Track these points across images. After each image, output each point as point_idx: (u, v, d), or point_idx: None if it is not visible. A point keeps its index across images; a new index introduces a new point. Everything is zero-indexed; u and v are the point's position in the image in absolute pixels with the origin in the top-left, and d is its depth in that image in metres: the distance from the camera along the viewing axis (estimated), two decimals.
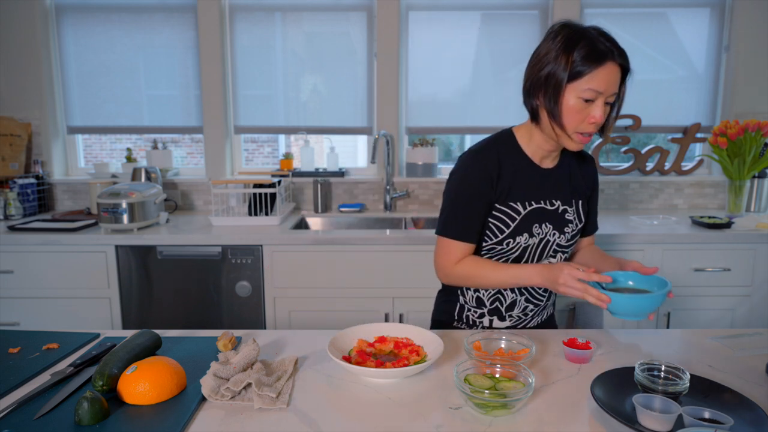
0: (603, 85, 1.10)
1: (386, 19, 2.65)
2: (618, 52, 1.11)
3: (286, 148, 6.59)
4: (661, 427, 0.76)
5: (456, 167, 1.27)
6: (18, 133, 2.69)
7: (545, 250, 1.27)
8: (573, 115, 1.14)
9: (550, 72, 1.14)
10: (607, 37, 1.12)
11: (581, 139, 1.17)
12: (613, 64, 1.10)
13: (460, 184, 1.24)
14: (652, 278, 1.12)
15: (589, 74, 1.10)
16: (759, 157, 2.47)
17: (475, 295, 1.31)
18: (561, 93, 1.13)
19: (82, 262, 2.14)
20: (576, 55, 1.10)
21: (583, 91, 1.11)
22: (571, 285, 1.07)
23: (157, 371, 0.86)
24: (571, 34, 1.12)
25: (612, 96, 1.13)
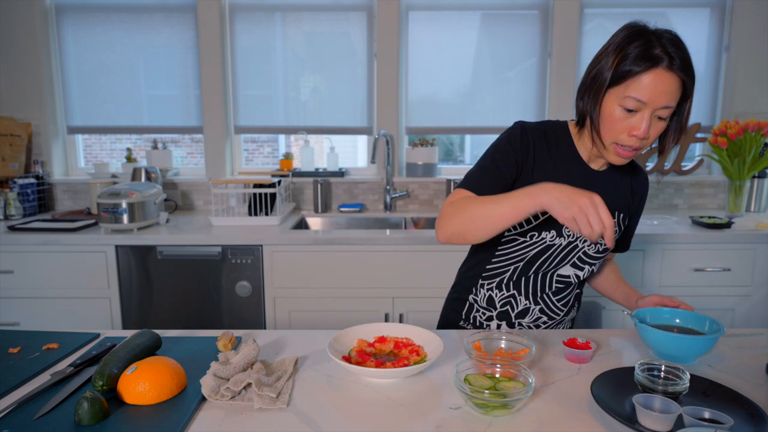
0: (647, 94, 0.97)
1: (386, 19, 2.65)
2: (679, 62, 0.97)
3: (286, 148, 6.59)
4: (661, 427, 0.76)
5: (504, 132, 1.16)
6: (18, 133, 2.69)
7: (570, 255, 1.18)
8: (612, 124, 1.02)
9: (596, 72, 1.04)
10: (674, 42, 0.98)
11: (620, 151, 1.05)
12: (664, 72, 0.96)
13: (496, 147, 1.14)
14: (699, 317, 1.07)
15: (632, 79, 0.98)
16: (759, 157, 2.47)
17: (488, 294, 1.24)
18: (601, 96, 1.03)
19: (82, 262, 2.14)
20: (623, 57, 0.99)
21: (624, 99, 0.99)
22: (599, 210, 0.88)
23: (157, 371, 0.86)
24: (631, 34, 1.01)
25: (664, 110, 0.99)
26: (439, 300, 1.45)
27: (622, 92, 1.00)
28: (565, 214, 0.90)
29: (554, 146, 1.14)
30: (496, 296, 1.24)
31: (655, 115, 1.00)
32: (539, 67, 2.73)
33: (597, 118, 1.05)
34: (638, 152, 1.05)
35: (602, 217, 0.89)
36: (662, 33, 1.00)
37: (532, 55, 2.73)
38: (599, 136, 1.06)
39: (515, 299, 1.23)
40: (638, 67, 0.97)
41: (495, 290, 1.24)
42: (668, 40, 0.98)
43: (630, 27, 1.04)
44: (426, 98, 2.79)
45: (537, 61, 2.73)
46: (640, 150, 1.05)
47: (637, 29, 1.02)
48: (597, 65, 1.04)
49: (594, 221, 0.88)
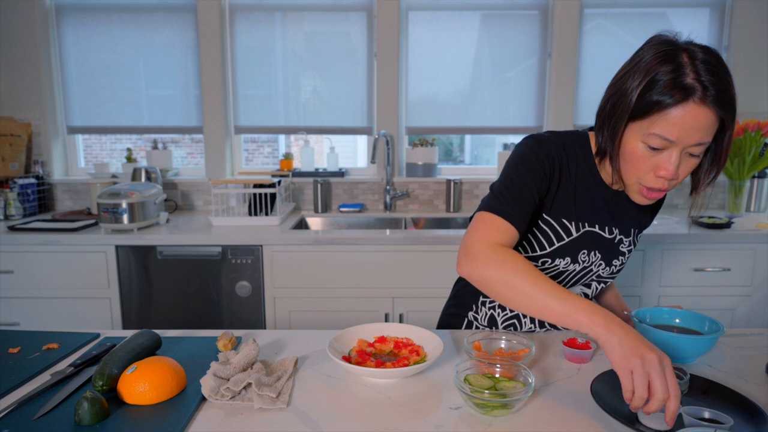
0: (676, 132, 0.83)
1: (386, 19, 2.65)
2: (714, 92, 0.81)
3: (286, 148, 6.59)
4: (661, 426, 0.76)
5: (514, 151, 1.03)
6: (18, 133, 2.69)
7: (583, 278, 1.11)
8: (634, 163, 0.90)
9: (617, 101, 0.90)
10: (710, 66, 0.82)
11: (645, 192, 0.93)
12: (697, 106, 0.82)
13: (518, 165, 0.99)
14: (698, 317, 1.06)
15: (658, 114, 0.84)
16: (759, 157, 2.47)
17: (489, 313, 1.16)
18: (621, 130, 0.90)
19: (82, 262, 2.14)
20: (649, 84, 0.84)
21: (648, 136, 0.86)
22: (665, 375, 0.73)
23: (157, 371, 0.86)
24: (659, 55, 0.85)
25: (697, 147, 0.85)
26: (439, 300, 1.45)
27: (646, 128, 0.86)
28: (622, 363, 0.75)
29: (574, 163, 1.03)
30: (499, 316, 1.17)
31: (685, 152, 0.87)
32: (539, 67, 2.73)
33: (616, 155, 0.92)
34: (666, 192, 0.93)
35: (669, 384, 0.72)
36: (696, 53, 0.84)
37: (532, 55, 2.73)
38: (620, 174, 0.94)
39: (519, 320, 1.16)
40: (666, 100, 0.83)
41: (498, 309, 1.17)
42: (703, 62, 0.82)
43: (659, 44, 0.87)
44: (426, 98, 2.79)
45: (537, 61, 2.73)
46: (670, 189, 0.92)
47: (667, 49, 0.85)
48: (618, 90, 0.90)
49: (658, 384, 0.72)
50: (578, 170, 1.03)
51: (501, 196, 0.98)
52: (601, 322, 0.79)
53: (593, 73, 2.72)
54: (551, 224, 1.04)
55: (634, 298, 2.18)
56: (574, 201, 1.03)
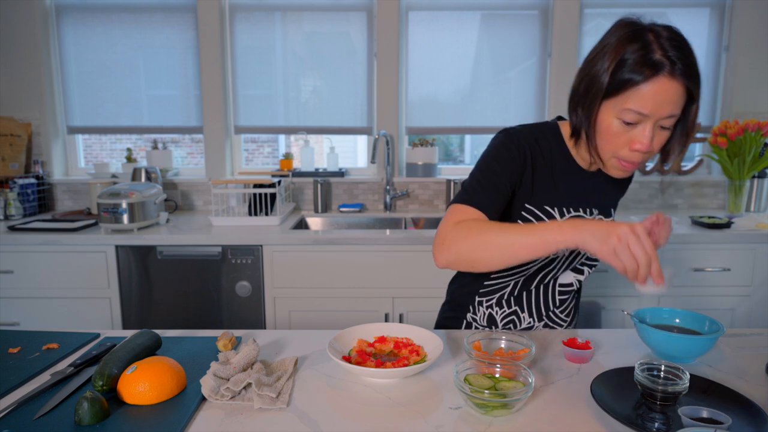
0: (649, 106, 0.88)
1: (386, 19, 2.65)
2: (681, 66, 0.86)
3: (286, 148, 6.59)
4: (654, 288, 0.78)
5: (487, 147, 1.07)
6: (18, 133, 2.69)
7: (573, 262, 1.13)
8: (610, 138, 0.94)
9: (588, 82, 0.94)
10: (675, 42, 0.87)
11: (621, 165, 0.97)
12: (667, 79, 0.86)
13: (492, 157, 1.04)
14: (698, 317, 1.06)
15: (631, 90, 0.88)
16: (759, 157, 2.47)
17: (487, 312, 1.17)
18: (596, 109, 0.94)
19: (82, 262, 2.14)
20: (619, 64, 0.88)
21: (623, 112, 0.90)
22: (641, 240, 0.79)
23: (157, 371, 0.86)
24: (626, 35, 0.89)
25: (668, 119, 0.90)
26: (439, 300, 1.44)
27: (620, 104, 0.91)
28: (604, 249, 0.81)
29: (548, 153, 1.06)
30: (497, 314, 1.17)
31: (658, 125, 0.92)
32: (539, 67, 2.73)
33: (593, 133, 0.97)
34: (641, 164, 0.98)
35: (646, 247, 0.79)
36: (661, 32, 0.89)
37: (532, 55, 2.73)
38: (596, 151, 0.99)
39: (518, 317, 1.17)
40: (637, 77, 0.87)
41: (495, 307, 1.17)
42: (668, 40, 0.88)
43: (625, 25, 0.92)
44: (426, 98, 2.79)
45: (537, 61, 2.73)
46: (644, 162, 0.97)
47: (633, 29, 0.90)
48: (589, 72, 0.94)
49: (638, 250, 0.78)
50: (553, 158, 1.06)
51: (470, 189, 1.02)
52: (569, 229, 0.84)
53: None
54: (535, 213, 1.07)
55: (634, 298, 2.18)
56: (554, 187, 1.06)
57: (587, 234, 0.82)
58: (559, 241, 0.85)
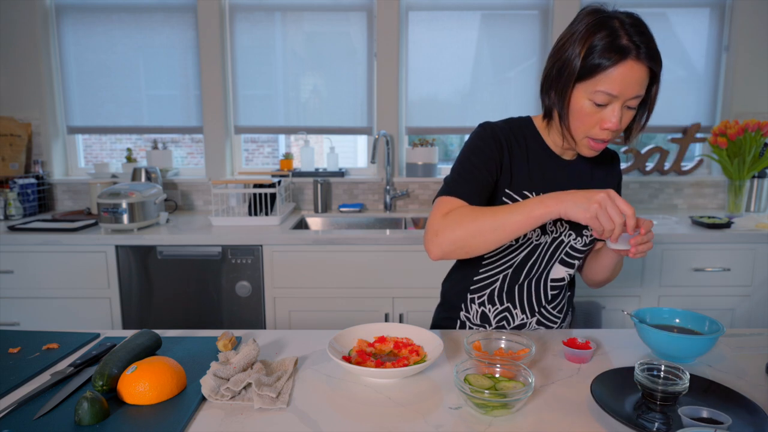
0: (618, 87, 0.95)
1: (386, 19, 2.65)
2: (645, 50, 0.94)
3: (286, 148, 6.59)
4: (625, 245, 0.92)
5: (466, 141, 1.14)
6: (18, 133, 2.69)
7: (557, 252, 1.15)
8: (582, 119, 1.00)
9: (560, 67, 1.00)
10: (638, 28, 0.95)
11: (592, 144, 1.04)
12: (633, 62, 0.94)
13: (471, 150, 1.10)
14: (698, 317, 1.07)
15: (601, 74, 0.95)
16: (759, 157, 2.47)
17: (480, 310, 1.19)
18: (568, 92, 1.00)
19: (82, 262, 2.14)
20: (589, 50, 0.95)
21: (594, 93, 0.97)
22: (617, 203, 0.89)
23: (157, 371, 0.86)
24: (593, 23, 0.96)
25: (634, 99, 0.98)
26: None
27: (591, 87, 0.97)
28: (587, 215, 0.90)
29: (523, 143, 1.13)
30: (490, 311, 1.19)
31: (625, 106, 0.99)
32: (539, 67, 2.73)
33: (566, 114, 1.02)
34: (609, 142, 1.05)
35: (621, 208, 0.89)
36: (624, 19, 0.96)
37: (532, 55, 2.73)
38: (569, 131, 1.04)
39: (510, 313, 1.19)
40: (606, 61, 0.94)
41: (487, 304, 1.19)
42: (632, 26, 0.95)
43: (591, 13, 0.99)
44: (426, 98, 2.79)
45: (537, 61, 2.73)
46: (612, 140, 1.04)
47: (600, 17, 0.97)
48: (561, 57, 1.00)
49: (614, 213, 0.89)
50: (528, 146, 1.13)
51: (452, 181, 1.09)
52: (551, 201, 0.93)
53: None
54: (514, 198, 1.11)
55: (634, 298, 2.18)
56: (530, 174, 1.12)
57: (569, 204, 0.91)
58: (544, 214, 0.93)
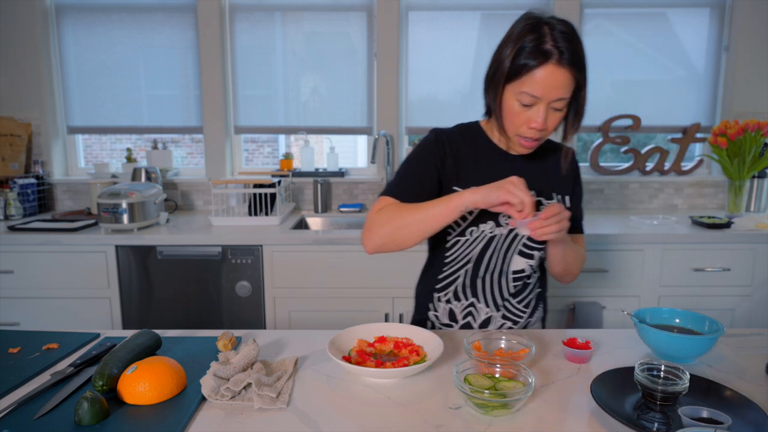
0: (540, 89, 1.00)
1: (386, 19, 2.65)
2: (569, 55, 0.99)
3: (286, 148, 6.59)
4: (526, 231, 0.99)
5: (420, 140, 1.21)
6: (18, 133, 2.69)
7: (513, 243, 1.17)
8: (512, 118, 1.06)
9: (495, 68, 1.07)
10: (566, 35, 1.00)
11: (523, 142, 1.09)
12: (555, 66, 0.99)
13: (415, 154, 1.18)
14: (698, 317, 1.07)
15: (526, 76, 1.00)
16: (759, 157, 2.47)
17: (447, 307, 1.22)
18: (500, 91, 1.06)
19: (82, 262, 2.14)
20: (518, 51, 1.01)
21: (520, 94, 1.03)
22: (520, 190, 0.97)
23: (157, 371, 0.86)
24: (525, 27, 1.02)
25: (559, 102, 1.02)
26: None
27: (517, 88, 1.02)
28: (501, 193, 0.98)
29: (471, 142, 1.18)
30: (456, 308, 1.22)
31: (551, 107, 1.03)
32: None
33: (499, 113, 1.09)
34: (540, 141, 1.10)
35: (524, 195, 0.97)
36: (555, 25, 1.01)
37: None
38: (504, 130, 1.11)
39: (475, 308, 1.21)
40: (530, 63, 0.99)
41: (453, 301, 1.22)
42: (560, 33, 1.00)
43: (526, 18, 1.04)
44: (426, 98, 2.79)
45: None
46: (542, 139, 1.10)
47: (532, 22, 1.02)
48: (497, 58, 1.06)
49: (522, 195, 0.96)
50: (477, 147, 1.18)
51: (393, 183, 1.16)
52: (467, 192, 1.02)
53: (593, 73, 2.70)
54: None
55: (634, 298, 2.18)
56: (479, 171, 1.16)
57: (483, 191, 1.00)
58: (460, 204, 1.02)
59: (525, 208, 0.97)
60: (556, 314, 2.19)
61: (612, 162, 2.90)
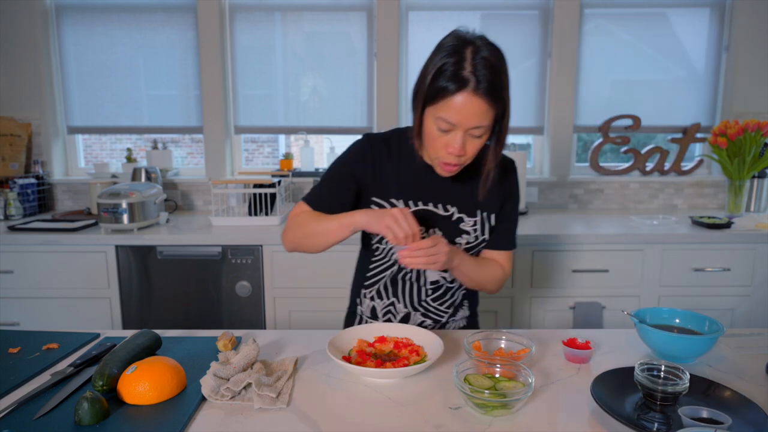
0: (455, 116, 0.97)
1: (386, 19, 2.65)
2: (485, 85, 0.94)
3: (286, 148, 6.58)
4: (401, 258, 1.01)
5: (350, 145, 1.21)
6: (18, 133, 2.69)
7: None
8: (431, 141, 1.04)
9: (418, 86, 1.03)
10: (487, 62, 0.95)
11: (443, 166, 1.06)
12: (471, 95, 0.95)
13: (337, 161, 1.19)
14: (698, 317, 1.07)
15: (443, 101, 0.97)
16: (759, 157, 2.47)
17: (371, 304, 1.26)
18: (420, 114, 1.03)
19: (82, 262, 2.14)
20: (438, 73, 0.97)
21: (437, 119, 0.99)
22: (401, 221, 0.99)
23: (157, 371, 0.86)
24: (450, 47, 0.97)
25: (477, 129, 0.99)
26: None
27: (435, 112, 0.99)
28: (380, 225, 1.01)
29: (396, 151, 1.17)
30: (378, 305, 1.25)
31: (469, 134, 1.00)
32: (539, 67, 2.73)
33: (419, 134, 1.06)
34: (461, 166, 1.07)
35: (410, 223, 1.00)
36: (480, 49, 0.96)
37: (532, 55, 2.73)
38: (426, 151, 1.09)
39: (395, 307, 1.24)
40: (448, 87, 0.95)
41: (376, 299, 1.25)
42: (482, 59, 0.95)
43: (453, 37, 0.99)
44: None
45: (537, 61, 2.73)
46: (463, 164, 1.07)
47: (456, 43, 0.98)
48: (420, 77, 1.02)
49: (404, 226, 0.99)
50: (401, 156, 1.16)
51: (314, 189, 1.21)
52: (357, 214, 1.06)
53: (593, 73, 2.72)
54: (382, 204, 1.16)
55: (634, 298, 2.18)
56: (399, 182, 1.16)
57: (368, 216, 1.04)
58: (351, 223, 1.06)
59: (399, 242, 1.00)
60: (556, 313, 2.19)
61: (612, 162, 2.90)
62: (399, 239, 1.00)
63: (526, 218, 2.48)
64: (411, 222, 1.01)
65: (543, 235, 2.12)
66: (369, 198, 1.17)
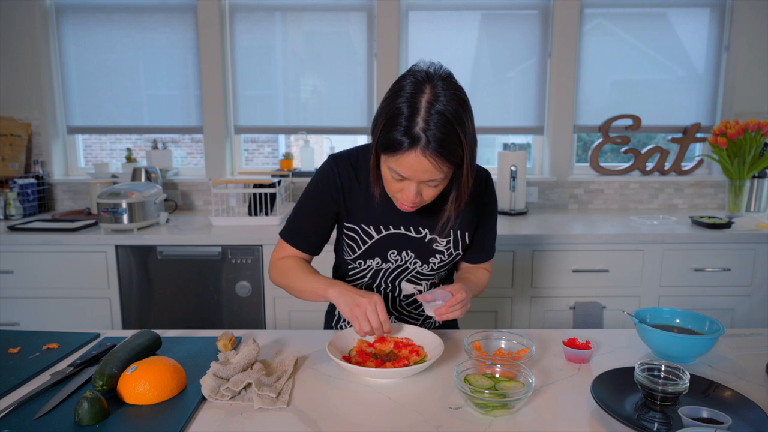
0: (407, 172, 0.93)
1: (386, 19, 2.65)
2: (435, 145, 0.88)
3: (286, 148, 6.58)
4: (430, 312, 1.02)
5: (317, 169, 1.16)
6: (18, 133, 2.69)
7: (402, 275, 1.18)
8: (387, 184, 1.00)
9: (374, 126, 0.96)
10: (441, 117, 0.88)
11: (401, 206, 1.02)
12: (421, 154, 0.89)
13: (309, 190, 1.16)
14: (698, 317, 1.07)
15: (393, 155, 0.92)
16: (759, 157, 2.47)
17: None
18: (374, 157, 1.00)
19: (82, 262, 2.14)
20: (389, 120, 0.91)
21: (389, 169, 0.96)
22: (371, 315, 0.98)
23: (157, 371, 0.86)
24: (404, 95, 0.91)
25: (432, 181, 0.95)
26: None
27: (387, 162, 0.95)
28: (350, 315, 1.00)
29: (364, 173, 1.11)
30: None
31: (424, 184, 0.96)
32: (539, 67, 2.73)
33: (376, 175, 1.02)
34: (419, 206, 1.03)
35: (379, 316, 0.99)
36: (437, 99, 0.89)
37: (532, 55, 2.73)
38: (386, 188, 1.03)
39: None
40: (400, 143, 0.89)
41: None
42: (437, 113, 0.88)
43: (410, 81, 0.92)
44: None
45: (537, 61, 2.73)
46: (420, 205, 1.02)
47: (413, 92, 0.90)
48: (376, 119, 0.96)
49: (372, 319, 0.98)
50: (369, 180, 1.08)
51: (289, 222, 1.20)
52: (332, 290, 1.05)
53: (593, 73, 2.72)
54: (354, 229, 1.15)
55: (634, 298, 2.18)
56: (369, 208, 1.12)
57: (343, 300, 1.02)
58: (324, 297, 1.07)
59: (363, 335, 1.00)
60: (556, 314, 2.19)
61: (612, 162, 2.90)
62: (364, 332, 0.99)
63: (526, 218, 2.48)
64: (381, 313, 0.99)
65: (543, 235, 2.12)
66: (342, 223, 1.16)
